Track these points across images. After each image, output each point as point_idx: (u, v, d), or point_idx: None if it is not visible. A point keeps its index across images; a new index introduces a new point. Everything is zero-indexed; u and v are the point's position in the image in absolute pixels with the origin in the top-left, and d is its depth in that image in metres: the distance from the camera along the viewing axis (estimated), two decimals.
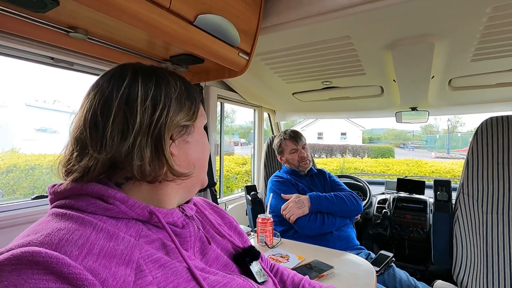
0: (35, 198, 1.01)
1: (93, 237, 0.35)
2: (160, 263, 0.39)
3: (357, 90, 1.71)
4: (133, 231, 0.41)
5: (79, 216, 0.37)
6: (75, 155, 0.42)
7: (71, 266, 0.30)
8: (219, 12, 0.86)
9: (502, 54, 1.13)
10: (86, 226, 0.36)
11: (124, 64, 0.48)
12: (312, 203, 1.46)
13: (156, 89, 0.45)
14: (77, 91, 1.63)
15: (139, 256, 0.37)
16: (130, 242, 0.38)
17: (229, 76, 1.19)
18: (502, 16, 0.85)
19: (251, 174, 2.43)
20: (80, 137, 0.42)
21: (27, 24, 0.76)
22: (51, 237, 0.33)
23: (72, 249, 0.32)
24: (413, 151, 24.15)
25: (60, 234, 0.33)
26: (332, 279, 0.94)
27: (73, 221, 0.36)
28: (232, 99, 1.94)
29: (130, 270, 0.35)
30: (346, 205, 1.50)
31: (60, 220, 0.36)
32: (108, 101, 0.42)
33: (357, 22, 0.93)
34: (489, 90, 1.58)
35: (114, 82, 0.44)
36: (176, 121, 0.46)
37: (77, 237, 0.34)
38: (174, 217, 0.46)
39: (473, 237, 1.39)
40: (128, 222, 0.41)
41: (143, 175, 0.41)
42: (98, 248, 0.34)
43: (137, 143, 0.41)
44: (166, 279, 0.38)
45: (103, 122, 0.41)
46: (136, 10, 0.66)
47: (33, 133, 5.69)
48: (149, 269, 0.37)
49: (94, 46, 0.94)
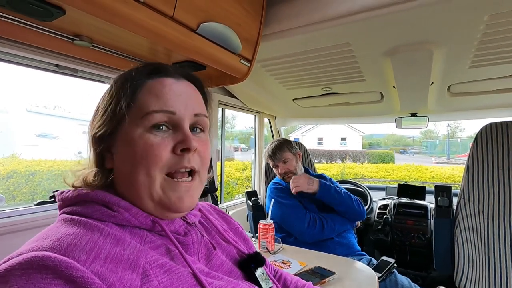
0: (37, 204, 1.01)
1: (100, 242, 0.36)
2: (165, 268, 0.40)
3: (357, 96, 1.72)
4: (138, 238, 0.41)
5: (86, 221, 0.38)
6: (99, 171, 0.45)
7: (79, 270, 0.31)
8: (221, 20, 0.87)
9: (500, 61, 1.14)
10: (93, 231, 0.37)
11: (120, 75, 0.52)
12: (321, 188, 1.48)
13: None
14: (78, 97, 1.61)
15: (145, 261, 0.38)
16: (136, 247, 0.38)
17: (231, 83, 1.20)
18: (499, 24, 0.87)
19: (252, 179, 2.43)
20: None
21: (33, 32, 0.77)
22: (60, 242, 0.33)
23: (80, 254, 0.33)
24: (413, 156, 24.13)
25: (68, 239, 0.34)
26: (334, 285, 0.94)
27: (81, 226, 0.37)
28: (233, 105, 1.95)
29: (137, 275, 0.35)
30: (353, 205, 1.50)
31: (69, 226, 0.37)
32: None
33: (357, 30, 0.95)
34: (487, 96, 1.59)
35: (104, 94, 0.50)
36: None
37: (85, 242, 0.34)
38: (175, 225, 0.47)
39: (475, 243, 1.38)
40: (132, 229, 0.42)
41: None
42: (105, 252, 0.35)
43: None
44: (172, 284, 0.39)
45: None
46: (140, 19, 0.67)
47: (34, 139, 5.70)
48: (155, 274, 0.38)
49: (98, 53, 0.95)
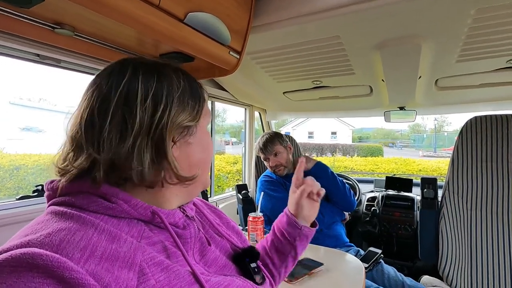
0: (19, 198, 0.98)
1: (95, 239, 0.33)
2: (162, 266, 0.38)
3: (347, 90, 1.73)
4: (135, 231, 0.40)
5: (80, 215, 0.36)
6: (71, 155, 0.40)
7: (73, 271, 0.29)
8: (209, 10, 0.85)
9: (486, 55, 1.16)
10: (87, 226, 0.35)
11: (125, 59, 0.45)
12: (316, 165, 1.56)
13: (157, 87, 0.42)
14: (64, 90, 1.56)
15: (141, 258, 0.36)
16: (132, 244, 0.36)
17: (220, 75, 1.18)
18: (485, 18, 0.88)
19: (242, 173, 2.43)
20: (76, 137, 0.40)
21: (11, 19, 0.74)
22: (52, 238, 0.31)
23: (73, 252, 0.31)
24: (401, 150, 24.62)
25: (61, 235, 0.32)
26: (322, 276, 0.95)
27: (74, 221, 0.35)
28: (223, 98, 1.93)
29: (133, 274, 0.34)
30: (346, 192, 1.55)
31: (60, 220, 0.35)
32: (106, 100, 0.40)
33: (346, 22, 0.95)
34: (473, 90, 1.63)
35: (113, 79, 0.41)
36: (178, 122, 0.43)
37: (79, 238, 0.32)
38: (175, 217, 0.45)
39: (458, 233, 1.43)
40: (130, 221, 0.40)
41: (142, 179, 0.40)
42: (101, 250, 0.33)
43: (137, 145, 0.39)
44: (169, 282, 0.37)
45: (100, 122, 0.39)
46: (125, 7, 0.65)
47: (18, 132, 5.53)
48: (152, 272, 0.36)
49: (81, 43, 0.92)
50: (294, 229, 0.68)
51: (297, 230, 0.68)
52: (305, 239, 0.69)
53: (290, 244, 0.68)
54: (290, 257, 0.69)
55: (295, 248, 0.68)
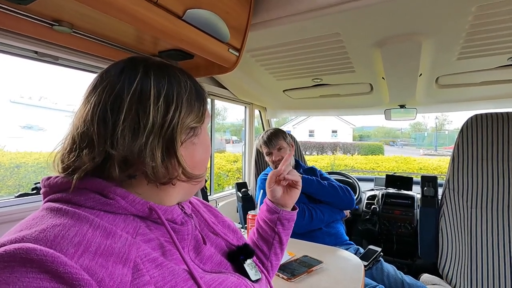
0: (18, 196, 0.98)
1: (89, 234, 0.34)
2: (157, 262, 0.38)
3: (347, 88, 1.73)
4: (131, 228, 0.40)
5: (75, 211, 0.36)
6: (84, 151, 0.39)
7: (67, 265, 0.29)
8: (208, 7, 0.85)
9: (486, 53, 1.15)
10: (82, 222, 0.35)
11: (134, 57, 0.46)
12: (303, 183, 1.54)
13: (168, 87, 0.43)
14: (64, 88, 1.56)
15: (136, 255, 0.36)
16: (127, 240, 0.37)
17: (219, 72, 1.18)
18: (486, 15, 0.87)
19: (242, 171, 2.43)
20: (87, 133, 0.40)
21: (8, 16, 0.73)
22: (46, 233, 0.31)
23: (68, 247, 0.31)
24: (402, 148, 24.59)
25: (55, 230, 0.32)
26: (321, 274, 0.95)
27: (69, 216, 0.35)
28: (223, 96, 1.93)
29: (127, 270, 0.34)
30: (339, 194, 1.52)
31: (55, 216, 0.35)
32: (119, 97, 0.40)
33: (347, 20, 0.94)
34: (474, 88, 1.62)
35: (125, 77, 0.41)
36: (186, 123, 0.44)
37: (73, 234, 0.32)
38: (173, 214, 0.45)
39: (458, 231, 1.42)
40: (126, 218, 0.40)
41: (156, 177, 0.40)
42: (95, 246, 0.33)
43: (149, 143, 0.40)
44: (164, 278, 0.38)
45: (113, 118, 0.39)
46: (123, 4, 0.65)
47: (19, 130, 5.54)
48: (146, 269, 0.36)
49: (79, 40, 0.91)
50: (273, 214, 0.71)
51: (275, 214, 0.71)
52: (286, 222, 0.71)
53: (272, 229, 0.71)
54: (276, 242, 0.71)
55: (279, 234, 0.70)
